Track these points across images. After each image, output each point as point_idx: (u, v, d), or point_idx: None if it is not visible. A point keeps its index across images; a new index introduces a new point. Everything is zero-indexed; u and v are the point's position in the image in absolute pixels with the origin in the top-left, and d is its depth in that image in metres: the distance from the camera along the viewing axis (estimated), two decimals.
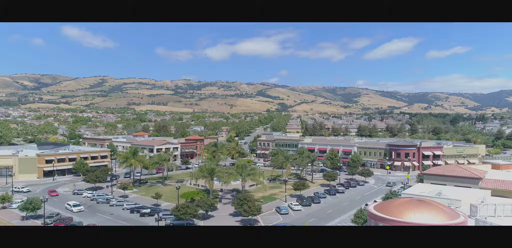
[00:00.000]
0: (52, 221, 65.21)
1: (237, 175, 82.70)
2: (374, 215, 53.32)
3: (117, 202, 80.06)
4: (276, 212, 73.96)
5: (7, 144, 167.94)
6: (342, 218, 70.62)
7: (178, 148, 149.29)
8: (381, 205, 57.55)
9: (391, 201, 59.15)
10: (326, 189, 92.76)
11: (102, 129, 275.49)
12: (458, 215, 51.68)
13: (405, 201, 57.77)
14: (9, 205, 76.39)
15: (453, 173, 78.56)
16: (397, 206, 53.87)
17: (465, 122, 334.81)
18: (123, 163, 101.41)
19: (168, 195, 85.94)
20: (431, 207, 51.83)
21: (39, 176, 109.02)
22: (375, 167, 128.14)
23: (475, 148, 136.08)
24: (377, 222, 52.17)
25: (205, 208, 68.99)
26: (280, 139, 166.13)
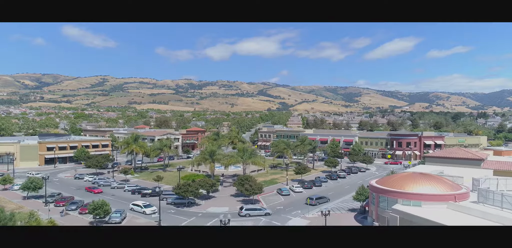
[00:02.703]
0: (53, 200, 65.19)
1: (238, 158, 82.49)
2: (376, 188, 53.26)
3: (119, 185, 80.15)
4: (277, 194, 73.92)
5: (9, 136, 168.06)
6: (344, 198, 70.51)
7: (179, 138, 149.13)
8: (383, 179, 57.44)
9: (393, 175, 59.03)
10: (328, 174, 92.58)
11: (103, 123, 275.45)
12: (460, 187, 51.58)
13: (407, 174, 57.57)
14: (11, 186, 76.57)
15: (455, 155, 78.44)
16: (399, 179, 53.75)
17: (466, 118, 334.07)
18: (124, 149, 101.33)
19: (169, 179, 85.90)
20: (433, 179, 51.69)
21: (40, 163, 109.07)
22: (377, 157, 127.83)
23: (477, 138, 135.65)
24: (379, 195, 52.15)
25: (206, 188, 68.90)
26: (281, 130, 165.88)
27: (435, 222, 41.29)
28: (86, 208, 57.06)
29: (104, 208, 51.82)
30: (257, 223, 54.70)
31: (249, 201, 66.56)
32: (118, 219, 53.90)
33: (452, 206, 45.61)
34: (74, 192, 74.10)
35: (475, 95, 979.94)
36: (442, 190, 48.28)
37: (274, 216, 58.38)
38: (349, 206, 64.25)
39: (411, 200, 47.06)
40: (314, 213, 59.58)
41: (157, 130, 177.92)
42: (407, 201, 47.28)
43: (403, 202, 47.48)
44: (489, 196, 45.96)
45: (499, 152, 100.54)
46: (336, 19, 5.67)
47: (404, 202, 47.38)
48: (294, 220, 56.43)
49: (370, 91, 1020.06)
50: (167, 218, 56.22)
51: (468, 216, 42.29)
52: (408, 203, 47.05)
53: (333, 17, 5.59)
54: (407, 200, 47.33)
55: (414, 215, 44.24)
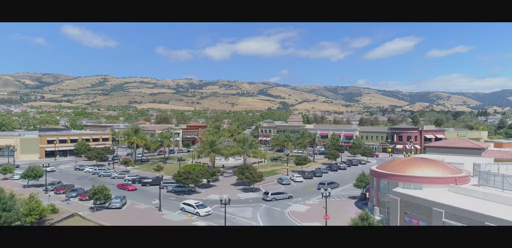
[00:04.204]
0: (53, 188, 65.23)
1: (238, 148, 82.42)
2: (377, 172, 53.17)
3: (119, 175, 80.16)
4: (278, 183, 73.83)
5: (9, 131, 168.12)
6: (344, 187, 70.47)
7: (179, 133, 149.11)
8: (384, 165, 57.34)
9: (394, 160, 58.92)
10: (328, 166, 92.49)
11: (104, 120, 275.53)
12: (460, 171, 51.52)
13: (408, 159, 57.54)
14: (11, 176, 76.62)
15: (456, 145, 78.29)
16: (399, 164, 53.66)
17: (467, 115, 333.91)
18: (125, 140, 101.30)
19: (169, 170, 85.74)
20: (434, 163, 51.61)
21: (41, 156, 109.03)
22: (377, 151, 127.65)
23: (478, 132, 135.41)
24: (380, 179, 52.06)
25: (207, 176, 68.87)
26: (282, 125, 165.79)
27: (435, 203, 41.19)
28: (86, 195, 57.19)
29: (104, 193, 51.78)
30: (271, 207, 54.66)
31: (250, 190, 66.54)
32: (118, 204, 53.90)
33: (453, 188, 45.52)
34: (75, 182, 74.03)
35: (475, 95, 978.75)
36: (443, 174, 48.19)
37: (274, 202, 58.33)
38: (350, 194, 64.21)
39: (412, 183, 46.97)
40: (315, 199, 59.51)
41: (157, 125, 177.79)
42: (408, 184, 47.19)
43: (404, 185, 47.37)
44: (490, 178, 45.89)
45: (499, 144, 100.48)
46: (336, 19, 5.67)
47: (405, 185, 47.28)
48: (294, 206, 56.35)
49: (371, 91, 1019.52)
50: (167, 204, 56.20)
51: (469, 198, 42.21)
52: (408, 186, 46.95)
53: (333, 17, 5.59)
54: (408, 183, 47.25)
55: (415, 196, 44.15)
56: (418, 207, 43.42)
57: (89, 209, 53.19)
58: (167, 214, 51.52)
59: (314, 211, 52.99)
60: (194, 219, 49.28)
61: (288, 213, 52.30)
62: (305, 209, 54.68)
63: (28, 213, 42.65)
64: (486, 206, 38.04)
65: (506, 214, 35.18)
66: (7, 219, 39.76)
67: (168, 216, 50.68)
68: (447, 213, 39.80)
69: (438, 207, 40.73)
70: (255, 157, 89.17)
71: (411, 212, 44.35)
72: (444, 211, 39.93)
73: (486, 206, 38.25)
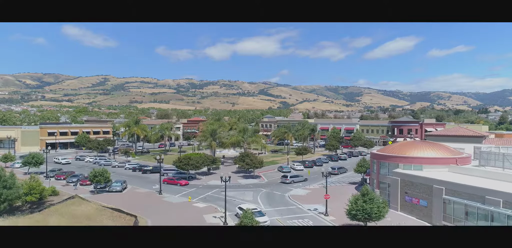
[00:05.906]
0: (54, 174, 65.36)
1: (239, 137, 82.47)
2: (377, 154, 53.11)
3: (119, 164, 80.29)
4: (278, 171, 73.83)
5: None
6: (345, 175, 70.45)
7: (180, 127, 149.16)
8: (384, 148, 57.34)
9: (394, 144, 58.90)
10: (328, 157, 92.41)
11: (104, 117, 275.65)
12: (461, 153, 51.46)
13: (408, 142, 57.53)
14: (12, 164, 76.70)
15: (456, 133, 78.15)
16: (400, 146, 53.66)
17: (468, 112, 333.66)
18: (125, 132, 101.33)
19: (170, 161, 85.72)
20: (434, 145, 51.56)
21: (41, 148, 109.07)
22: (378, 144, 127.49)
23: (479, 126, 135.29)
24: (380, 161, 52.00)
25: (207, 164, 68.89)
26: (283, 120, 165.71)
27: (436, 180, 41.16)
28: (86, 180, 57.36)
29: (104, 176, 51.85)
30: (272, 191, 54.65)
31: (250, 176, 66.54)
32: (119, 187, 53.95)
33: (454, 168, 45.48)
34: (76, 171, 74.06)
35: (476, 95, 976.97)
36: (444, 155, 48.13)
37: (274, 186, 58.35)
38: (350, 180, 64.21)
39: (413, 164, 46.91)
40: (315, 185, 59.52)
41: (158, 120, 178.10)
42: (408, 165, 47.13)
43: (404, 166, 47.32)
44: (490, 158, 45.86)
45: (500, 134, 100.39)
46: (336, 19, 5.66)
47: (406, 166, 47.23)
48: (295, 190, 56.35)
49: (371, 91, 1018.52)
50: (168, 189, 56.24)
51: (470, 177, 42.15)
52: (409, 168, 46.90)
53: (333, 17, 5.58)
54: (408, 164, 47.18)
55: (416, 176, 44.15)
56: (418, 186, 43.39)
57: (89, 192, 53.26)
58: (168, 197, 51.58)
59: (314, 194, 53.06)
60: (194, 202, 49.34)
61: (289, 197, 52.30)
62: (305, 193, 54.72)
63: (28, 192, 42.72)
64: (486, 183, 38.00)
65: (506, 188, 35.18)
66: (8, 197, 39.82)
67: (168, 198, 50.74)
68: (447, 189, 39.76)
69: (439, 184, 40.70)
70: (255, 148, 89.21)
71: (412, 192, 44.32)
72: (445, 188, 39.90)
73: (486, 183, 38.21)
